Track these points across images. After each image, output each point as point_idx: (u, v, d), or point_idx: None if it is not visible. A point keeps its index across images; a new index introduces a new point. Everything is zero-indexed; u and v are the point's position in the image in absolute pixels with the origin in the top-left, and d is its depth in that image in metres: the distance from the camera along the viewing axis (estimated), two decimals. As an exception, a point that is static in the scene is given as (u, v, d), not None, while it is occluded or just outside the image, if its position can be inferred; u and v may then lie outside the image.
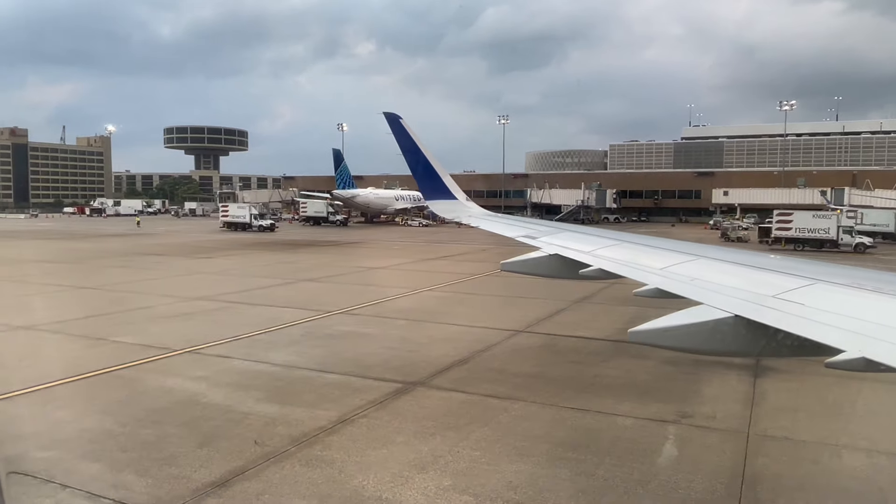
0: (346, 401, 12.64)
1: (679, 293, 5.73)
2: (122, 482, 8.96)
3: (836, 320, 4.28)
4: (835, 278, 5.36)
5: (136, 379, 14.15)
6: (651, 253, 7.81)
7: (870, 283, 5.12)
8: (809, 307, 4.61)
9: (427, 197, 16.50)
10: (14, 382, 13.51)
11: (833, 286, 5.13)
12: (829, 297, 4.88)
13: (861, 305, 4.61)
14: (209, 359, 15.97)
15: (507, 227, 12.52)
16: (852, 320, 4.23)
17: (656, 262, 7.00)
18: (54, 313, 21.60)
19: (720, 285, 5.63)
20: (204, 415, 11.83)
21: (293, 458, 9.82)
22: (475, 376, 14.55)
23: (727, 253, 7.34)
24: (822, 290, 5.03)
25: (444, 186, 15.93)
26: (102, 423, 11.35)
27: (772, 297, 4.95)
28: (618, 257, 7.74)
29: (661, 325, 4.94)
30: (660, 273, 6.54)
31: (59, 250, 49.05)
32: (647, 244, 8.64)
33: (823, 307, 4.57)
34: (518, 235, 11.04)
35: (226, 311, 22.75)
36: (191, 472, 9.34)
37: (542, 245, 9.38)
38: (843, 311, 4.43)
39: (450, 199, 16.00)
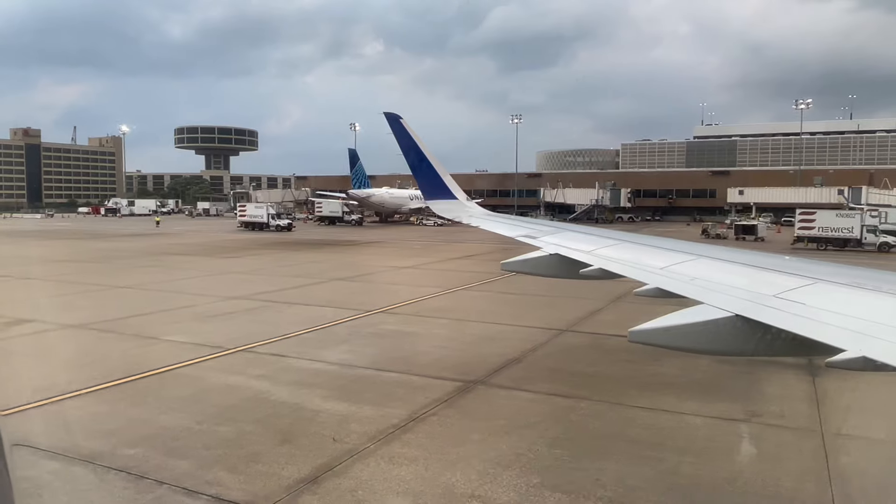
0: (411, 399, 12.75)
1: (679, 293, 5.75)
2: (214, 479, 9.09)
3: (836, 319, 4.28)
4: (835, 277, 5.37)
5: (198, 377, 14.31)
6: (651, 252, 7.82)
7: (870, 282, 5.12)
8: (810, 306, 4.61)
9: (427, 197, 16.42)
10: (82, 380, 13.72)
11: (833, 285, 5.14)
12: (829, 296, 4.88)
13: (861, 304, 4.60)
14: (264, 357, 16.12)
15: (507, 226, 12.43)
16: (852, 319, 4.23)
17: (657, 261, 7.00)
18: (101, 312, 21.83)
19: (721, 285, 5.63)
20: (275, 412, 11.97)
21: (376, 456, 9.94)
22: (532, 375, 14.63)
23: (727, 252, 7.33)
24: (823, 290, 5.03)
25: (445, 186, 15.90)
26: (178, 420, 11.50)
27: (772, 296, 4.95)
28: (618, 257, 7.76)
29: (662, 325, 4.95)
30: (660, 273, 6.56)
31: (87, 250, 49.45)
32: (648, 244, 8.64)
33: (824, 306, 4.57)
34: (518, 235, 11.04)
35: (267, 310, 22.92)
36: (278, 468, 9.47)
37: (542, 245, 9.41)
38: (844, 310, 4.43)
39: (450, 199, 15.96)
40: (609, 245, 8.43)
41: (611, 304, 23.85)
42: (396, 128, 15.59)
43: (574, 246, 8.71)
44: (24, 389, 13.09)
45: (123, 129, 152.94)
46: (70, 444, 10.30)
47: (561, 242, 9.17)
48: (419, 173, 15.99)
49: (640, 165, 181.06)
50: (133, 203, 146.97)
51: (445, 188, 15.89)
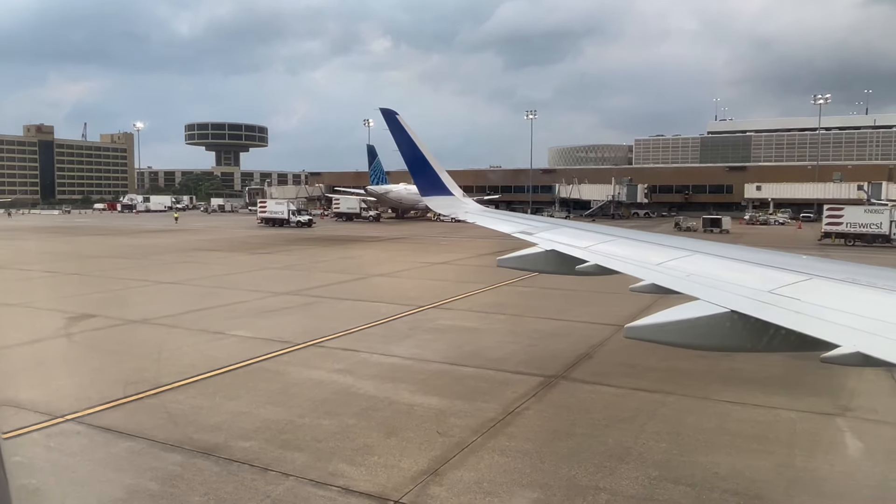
0: (499, 393, 12.90)
1: (675, 288, 5.74)
2: (336, 471, 9.27)
3: (831, 315, 4.30)
4: (830, 274, 5.38)
5: (280, 371, 14.50)
6: (647, 248, 7.82)
7: (865, 278, 5.14)
8: (805, 302, 4.62)
9: (423, 193, 16.34)
10: (170, 374, 13.94)
11: (829, 281, 5.15)
12: (824, 292, 4.89)
13: (856, 301, 4.62)
14: (336, 352, 16.31)
15: (503, 222, 12.36)
16: (848, 315, 4.24)
17: (653, 257, 7.02)
18: (158, 308, 22.07)
19: (717, 280, 5.64)
20: (370, 406, 12.14)
21: (486, 449, 10.09)
22: (608, 370, 14.76)
23: (723, 248, 7.35)
24: (818, 286, 5.05)
25: (441, 182, 15.85)
26: (278, 413, 11.70)
27: (768, 292, 4.96)
28: (614, 253, 7.77)
29: (658, 321, 4.96)
30: (656, 269, 6.56)
31: (117, 246, 49.81)
32: (644, 240, 8.64)
33: (819, 302, 4.59)
34: (514, 231, 11.01)
35: (319, 306, 23.12)
36: (395, 461, 9.64)
37: (538, 241, 9.41)
38: (839, 306, 4.46)
39: (446, 195, 15.92)
40: (605, 241, 8.46)
41: (660, 300, 23.88)
42: (392, 124, 15.55)
43: (570, 242, 8.74)
44: (117, 383, 13.32)
45: (138, 125, 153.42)
46: (183, 437, 10.50)
47: (557, 238, 9.21)
48: (415, 170, 15.89)
49: (653, 161, 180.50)
50: (148, 199, 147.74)
51: (442, 184, 15.85)
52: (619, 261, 7.26)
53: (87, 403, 12.00)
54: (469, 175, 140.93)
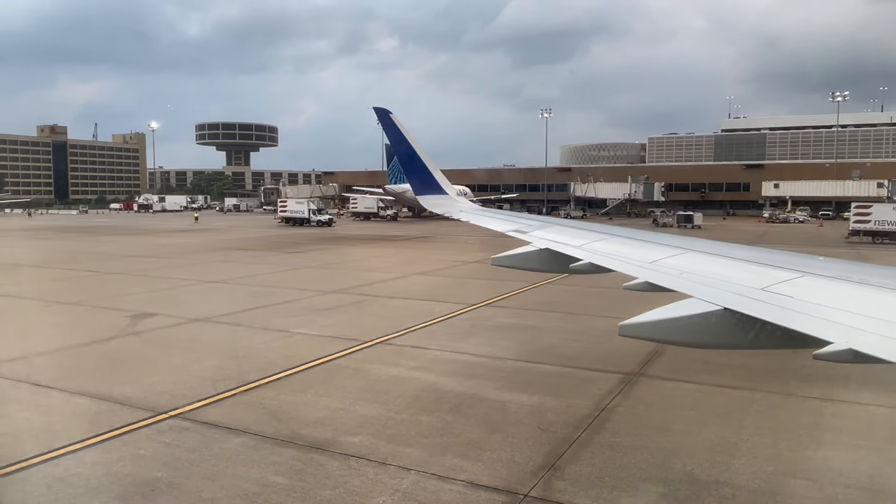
0: (585, 390, 13.04)
1: (669, 286, 5.75)
2: (454, 465, 9.43)
3: (823, 312, 4.33)
4: (823, 271, 5.40)
5: (360, 369, 14.68)
6: (641, 246, 7.81)
7: (856, 275, 5.19)
8: (797, 299, 4.64)
9: (417, 192, 16.32)
10: (252, 372, 14.15)
11: (821, 279, 5.17)
12: (816, 289, 4.92)
13: (848, 298, 4.66)
14: (406, 350, 16.48)
15: (497, 221, 12.32)
16: (839, 312, 4.27)
17: (646, 255, 7.03)
18: (214, 306, 22.31)
19: (709, 278, 5.67)
20: (463, 403, 12.30)
21: (594, 444, 10.23)
22: (683, 367, 14.84)
23: (716, 246, 7.37)
24: (810, 283, 5.07)
25: (435, 181, 15.84)
26: (374, 410, 11.87)
27: (760, 289, 4.98)
28: (608, 251, 7.78)
29: (651, 319, 5.00)
30: (650, 266, 6.56)
31: (147, 245, 50.19)
32: (638, 238, 8.67)
33: (811, 299, 4.61)
34: (508, 230, 10.98)
35: (371, 304, 23.31)
36: (508, 456, 9.79)
37: (532, 239, 9.38)
38: (831, 303, 4.48)
39: (440, 193, 15.90)
40: (599, 239, 8.48)
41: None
42: (386, 122, 15.49)
43: (564, 240, 8.73)
44: (205, 380, 13.54)
45: (153, 125, 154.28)
46: (290, 432, 10.69)
47: (551, 237, 9.20)
48: (409, 168, 15.89)
49: (667, 159, 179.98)
50: (164, 199, 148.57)
51: (435, 183, 15.83)
52: (612, 259, 7.30)
53: (184, 400, 12.22)
54: (482, 173, 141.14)
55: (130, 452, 9.83)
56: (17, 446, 10.00)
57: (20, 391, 12.82)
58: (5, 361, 14.89)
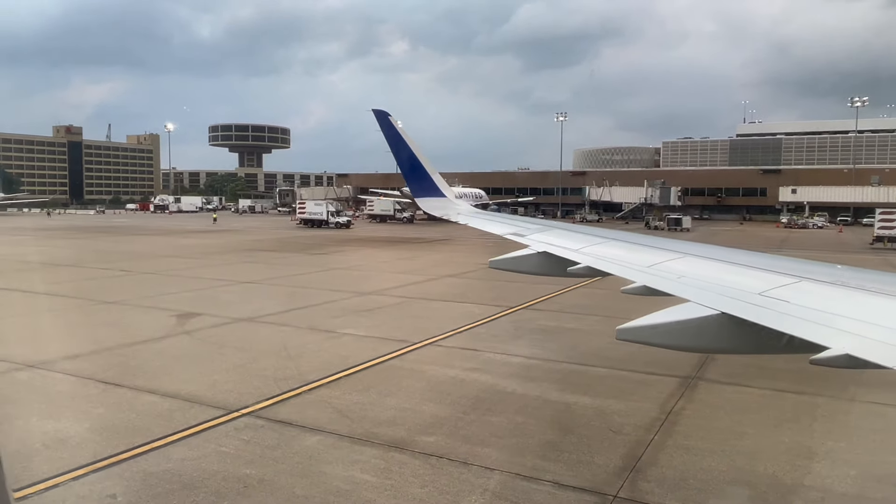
0: (645, 393, 13.12)
1: (666, 290, 5.75)
2: (537, 466, 9.51)
3: (820, 317, 4.33)
4: (819, 276, 5.40)
5: (416, 370, 14.80)
6: (639, 250, 7.84)
7: (853, 280, 5.17)
8: (794, 304, 4.65)
9: (415, 194, 16.42)
10: (311, 372, 14.29)
11: (818, 284, 5.18)
12: (813, 294, 4.92)
13: (844, 303, 4.64)
14: (456, 351, 16.60)
15: (495, 224, 12.33)
16: (836, 317, 4.27)
17: (644, 259, 7.01)
18: (254, 307, 22.48)
19: (707, 283, 5.66)
20: (528, 404, 12.40)
21: (670, 447, 10.29)
22: (739, 371, 14.85)
23: (714, 251, 7.35)
24: (807, 288, 5.08)
25: (433, 184, 15.87)
26: (442, 410, 11.99)
27: (758, 294, 4.98)
28: (606, 255, 7.75)
29: (649, 323, 4.98)
30: (647, 270, 6.55)
31: (171, 246, 50.52)
32: (636, 242, 8.64)
33: (808, 305, 4.61)
34: (506, 233, 10.98)
35: (410, 306, 23.44)
36: (587, 457, 9.87)
37: (530, 242, 9.36)
38: (828, 308, 4.48)
39: (438, 196, 15.94)
40: (597, 243, 8.49)
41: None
42: (385, 124, 15.53)
43: (562, 244, 8.73)
44: (266, 379, 13.71)
45: (168, 126, 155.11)
46: (364, 431, 10.80)
47: (549, 240, 9.18)
48: (407, 171, 15.91)
49: (681, 163, 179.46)
50: (179, 200, 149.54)
51: (434, 186, 15.86)
52: (610, 263, 7.29)
53: (251, 399, 12.37)
54: (497, 177, 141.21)
55: (213, 449, 9.98)
56: (102, 442, 10.18)
57: (89, 388, 13.02)
58: (69, 358, 15.11)
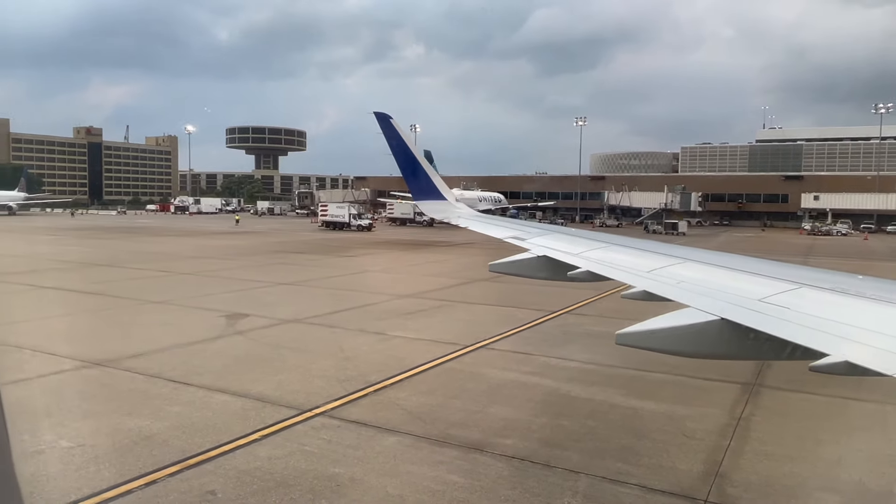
0: (707, 399, 13.17)
1: (666, 296, 5.74)
2: (619, 469, 9.55)
3: (819, 324, 4.31)
4: (819, 283, 5.39)
5: (475, 373, 14.89)
6: (640, 255, 7.81)
7: (853, 287, 5.17)
8: (794, 311, 4.64)
9: (416, 197, 16.47)
10: (372, 373, 14.42)
11: (817, 290, 5.17)
12: (812, 301, 4.91)
13: (844, 310, 4.65)
14: (510, 354, 16.68)
15: (495, 228, 12.34)
16: (835, 324, 4.26)
17: (645, 264, 7.01)
18: (298, 308, 22.67)
19: (707, 288, 5.66)
20: (597, 408, 12.46)
21: (748, 453, 10.31)
22: (798, 377, 14.69)
23: (715, 256, 7.36)
24: (807, 295, 5.07)
25: (434, 187, 15.89)
26: (511, 413, 12.08)
27: (757, 300, 4.98)
28: (606, 259, 7.75)
29: (648, 328, 4.98)
30: (647, 275, 6.54)
31: (201, 247, 50.97)
32: (636, 247, 8.64)
33: (808, 311, 4.60)
34: (506, 237, 10.97)
35: (453, 309, 23.56)
36: (668, 462, 9.90)
37: (530, 246, 9.31)
38: (827, 315, 4.47)
39: (439, 199, 15.96)
40: (597, 247, 8.48)
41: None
42: (386, 127, 15.60)
43: (562, 248, 8.72)
44: (330, 380, 13.87)
45: (189, 128, 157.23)
46: (439, 433, 10.91)
47: (549, 244, 9.15)
48: (408, 174, 15.97)
49: (700, 169, 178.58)
50: (199, 202, 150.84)
51: (435, 189, 15.90)
52: (610, 267, 7.32)
53: (320, 399, 12.51)
54: (514, 180, 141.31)
55: (297, 448, 10.12)
56: (187, 439, 10.35)
57: (159, 387, 13.22)
58: (132, 357, 15.34)
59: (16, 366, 14.53)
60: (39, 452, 9.69)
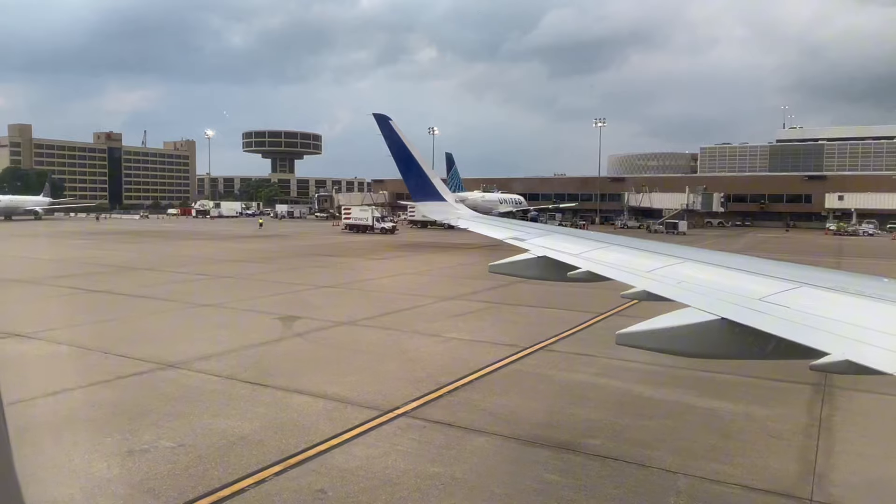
0: (782, 399, 13.24)
1: (666, 295, 5.70)
2: (715, 469, 9.63)
3: (820, 323, 4.29)
4: (819, 282, 5.36)
5: (543, 374, 15.00)
6: (640, 255, 7.77)
7: (853, 286, 5.15)
8: (794, 310, 4.62)
9: (416, 198, 16.46)
10: (440, 374, 14.57)
11: (817, 290, 5.13)
12: (813, 300, 4.88)
13: (844, 309, 4.62)
14: (572, 356, 16.76)
15: (495, 229, 12.20)
16: (836, 323, 4.23)
17: (644, 264, 6.99)
18: (349, 311, 22.88)
19: (707, 288, 5.65)
20: (674, 409, 12.53)
21: (840, 453, 10.35)
22: (865, 378, 14.74)
23: (715, 256, 7.32)
24: (807, 294, 5.04)
25: (433, 188, 15.86)
26: (591, 414, 12.18)
27: (758, 299, 4.96)
28: (606, 259, 7.73)
29: (649, 328, 4.99)
30: (647, 275, 6.50)
31: (232, 250, 51.38)
32: (636, 247, 8.61)
33: (808, 310, 4.58)
34: (506, 237, 10.87)
35: (500, 311, 23.72)
36: (761, 461, 9.96)
37: (530, 247, 9.27)
38: (827, 314, 4.44)
39: (438, 200, 15.92)
40: (598, 248, 8.44)
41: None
42: (385, 129, 15.63)
43: (562, 248, 8.70)
44: (400, 381, 14.04)
45: (209, 133, 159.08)
46: (525, 433, 11.04)
47: (549, 244, 9.12)
48: (407, 175, 15.92)
49: (719, 170, 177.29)
50: (219, 205, 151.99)
51: (434, 190, 15.86)
52: (610, 267, 7.28)
53: (398, 399, 12.67)
54: (533, 182, 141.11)
55: (391, 448, 10.27)
56: (281, 439, 10.54)
57: (238, 388, 13.43)
58: (202, 359, 15.60)
59: (92, 368, 14.84)
60: (145, 451, 9.92)
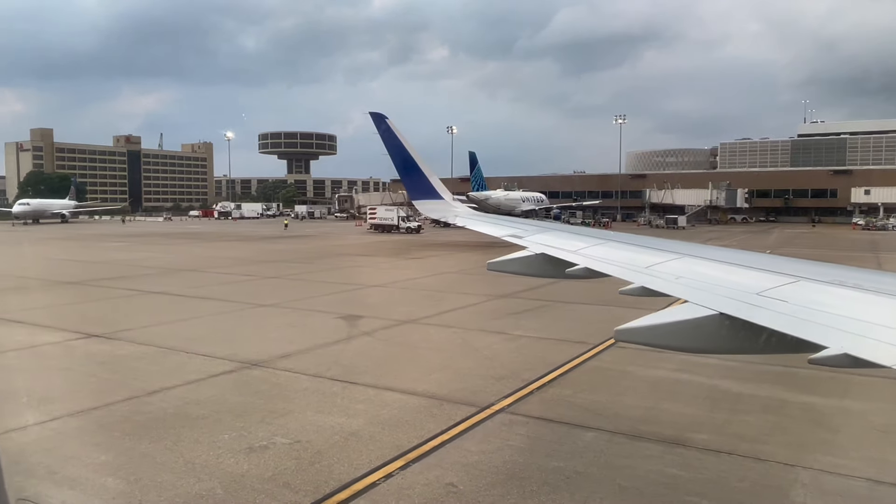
0: (869, 394, 13.30)
1: (664, 291, 5.71)
2: (832, 463, 9.68)
3: (818, 317, 4.28)
4: (817, 276, 5.34)
5: (623, 371, 15.08)
6: (638, 251, 7.79)
7: (851, 280, 5.12)
8: (793, 304, 4.61)
9: (413, 197, 16.53)
10: (522, 371, 14.70)
11: (816, 284, 5.12)
12: (811, 294, 4.87)
13: (843, 303, 4.60)
14: (645, 352, 16.45)
15: (493, 226, 12.27)
16: (834, 317, 4.23)
17: (643, 260, 6.97)
18: (405, 309, 23.06)
19: (705, 283, 5.60)
20: (769, 405, 12.64)
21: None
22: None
23: (712, 251, 7.26)
24: (805, 288, 5.03)
25: (431, 186, 15.95)
26: (685, 409, 12.31)
27: (756, 294, 4.96)
28: (604, 256, 7.68)
29: (647, 324, 4.92)
30: (645, 271, 6.50)
31: (266, 251, 51.73)
32: (634, 243, 8.56)
33: (806, 304, 4.58)
34: (504, 235, 10.88)
35: (554, 309, 23.83)
36: (878, 454, 10.05)
37: (528, 244, 9.23)
38: (826, 308, 4.44)
39: (436, 199, 16.03)
40: (596, 244, 8.44)
41: None
42: (382, 128, 15.72)
43: (560, 245, 8.67)
44: (484, 378, 14.19)
45: (228, 135, 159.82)
46: (629, 429, 11.11)
47: (547, 241, 9.13)
48: (405, 174, 16.07)
49: (739, 165, 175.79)
50: (240, 207, 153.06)
51: (432, 188, 15.95)
52: (609, 264, 7.25)
53: (491, 396, 12.80)
54: (554, 180, 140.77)
55: (503, 444, 10.40)
56: (391, 435, 10.70)
57: (328, 386, 13.62)
58: (282, 358, 15.82)
59: (181, 367, 15.10)
60: (265, 448, 10.12)
